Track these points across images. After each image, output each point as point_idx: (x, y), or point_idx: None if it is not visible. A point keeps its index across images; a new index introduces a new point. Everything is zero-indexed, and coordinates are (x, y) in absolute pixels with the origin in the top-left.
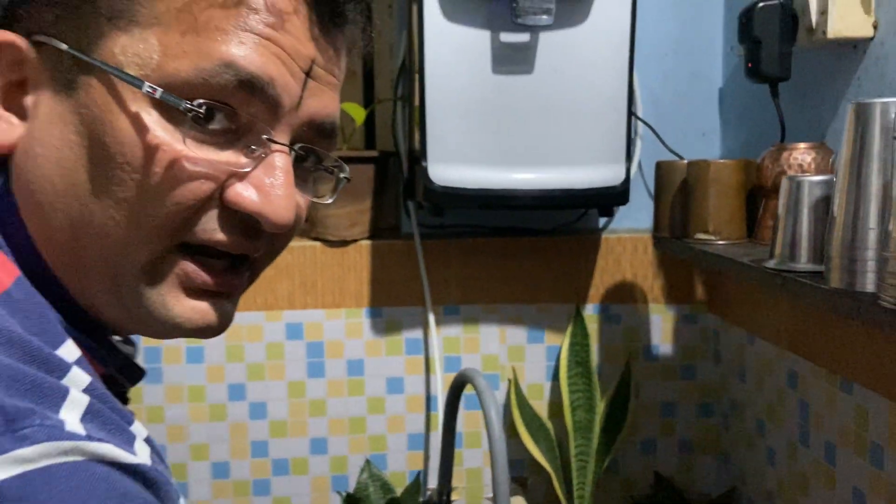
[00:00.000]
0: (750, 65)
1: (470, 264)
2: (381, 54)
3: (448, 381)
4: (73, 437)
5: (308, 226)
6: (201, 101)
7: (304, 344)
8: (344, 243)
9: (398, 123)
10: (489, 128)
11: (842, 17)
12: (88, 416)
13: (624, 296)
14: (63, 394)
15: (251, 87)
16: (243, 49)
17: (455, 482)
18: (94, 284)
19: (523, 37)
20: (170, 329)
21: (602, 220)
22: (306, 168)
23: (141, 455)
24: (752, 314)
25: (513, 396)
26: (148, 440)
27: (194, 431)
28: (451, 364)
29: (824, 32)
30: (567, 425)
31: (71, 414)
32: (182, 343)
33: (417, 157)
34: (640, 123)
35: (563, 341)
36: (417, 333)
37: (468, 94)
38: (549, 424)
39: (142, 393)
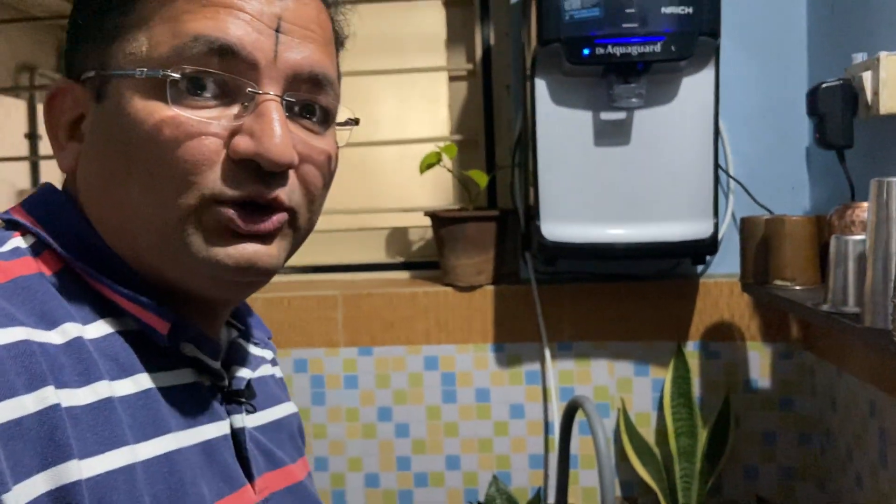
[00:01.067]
0: (818, 135)
1: (581, 306)
2: (499, 127)
3: (563, 409)
4: None
5: (441, 273)
6: (180, 67)
7: (440, 374)
8: (471, 288)
9: (516, 186)
10: (593, 191)
11: (892, 96)
12: None
13: (722, 334)
14: None
15: (222, 50)
16: (208, 22)
17: (572, 499)
18: (145, 251)
19: (620, 115)
20: (216, 269)
21: (700, 266)
22: (315, 121)
23: None
24: (839, 351)
25: (622, 424)
26: (46, 413)
27: (350, 447)
28: (565, 394)
29: (878, 109)
30: (672, 450)
31: None
32: (340, 372)
33: (532, 215)
34: (732, 181)
35: (667, 374)
36: (535, 366)
37: (574, 163)
38: (655, 449)
39: (310, 413)
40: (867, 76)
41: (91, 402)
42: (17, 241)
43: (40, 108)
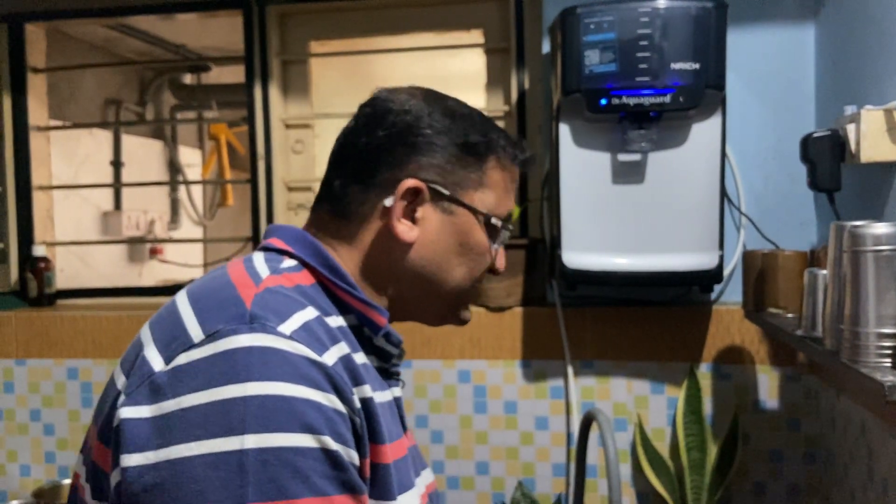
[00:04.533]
0: (810, 179)
1: (602, 328)
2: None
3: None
4: (279, 334)
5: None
6: (507, 225)
7: (472, 386)
8: (502, 309)
9: (545, 218)
10: (610, 224)
11: (871, 146)
12: (300, 329)
13: (733, 357)
14: (287, 316)
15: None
16: (511, 203)
17: None
18: (412, 304)
19: (635, 157)
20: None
21: (714, 294)
22: None
23: (326, 358)
24: (836, 375)
25: (638, 438)
26: (345, 359)
27: None
28: (586, 408)
29: (860, 157)
30: (683, 463)
31: (287, 325)
32: None
33: (556, 244)
34: (743, 217)
35: (680, 393)
36: (559, 382)
37: (593, 199)
38: (669, 463)
39: None
40: (851, 128)
41: (361, 363)
42: (290, 262)
43: (125, 140)
